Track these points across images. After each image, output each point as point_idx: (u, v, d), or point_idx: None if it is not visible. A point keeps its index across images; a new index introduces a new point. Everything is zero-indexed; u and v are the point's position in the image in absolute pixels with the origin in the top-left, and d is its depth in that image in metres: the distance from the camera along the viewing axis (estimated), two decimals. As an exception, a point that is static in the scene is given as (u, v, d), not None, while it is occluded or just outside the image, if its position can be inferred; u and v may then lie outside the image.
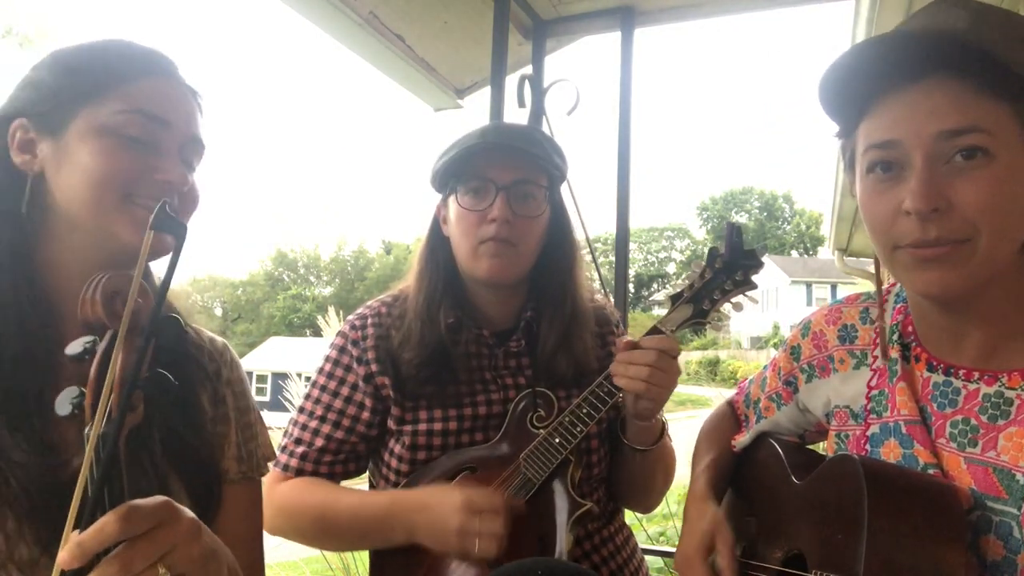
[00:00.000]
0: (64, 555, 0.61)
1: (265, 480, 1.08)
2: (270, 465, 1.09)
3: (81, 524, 0.63)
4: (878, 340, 0.99)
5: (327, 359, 1.38)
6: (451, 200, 1.34)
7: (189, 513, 0.70)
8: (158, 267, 0.99)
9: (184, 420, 0.95)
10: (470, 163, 1.30)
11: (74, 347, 0.69)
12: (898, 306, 1.00)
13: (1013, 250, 0.80)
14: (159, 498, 0.68)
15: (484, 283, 1.35)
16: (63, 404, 0.67)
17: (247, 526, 1.03)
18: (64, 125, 0.88)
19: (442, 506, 1.16)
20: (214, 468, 0.99)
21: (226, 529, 0.96)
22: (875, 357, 0.99)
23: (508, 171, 1.29)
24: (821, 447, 1.17)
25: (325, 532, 1.30)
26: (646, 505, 1.52)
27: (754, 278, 1.23)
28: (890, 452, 0.91)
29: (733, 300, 1.24)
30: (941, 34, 0.78)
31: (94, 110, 0.88)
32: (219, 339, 1.08)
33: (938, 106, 0.78)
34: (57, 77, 0.90)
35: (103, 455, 0.64)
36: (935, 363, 0.92)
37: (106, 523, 0.62)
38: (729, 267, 1.22)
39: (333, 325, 4.78)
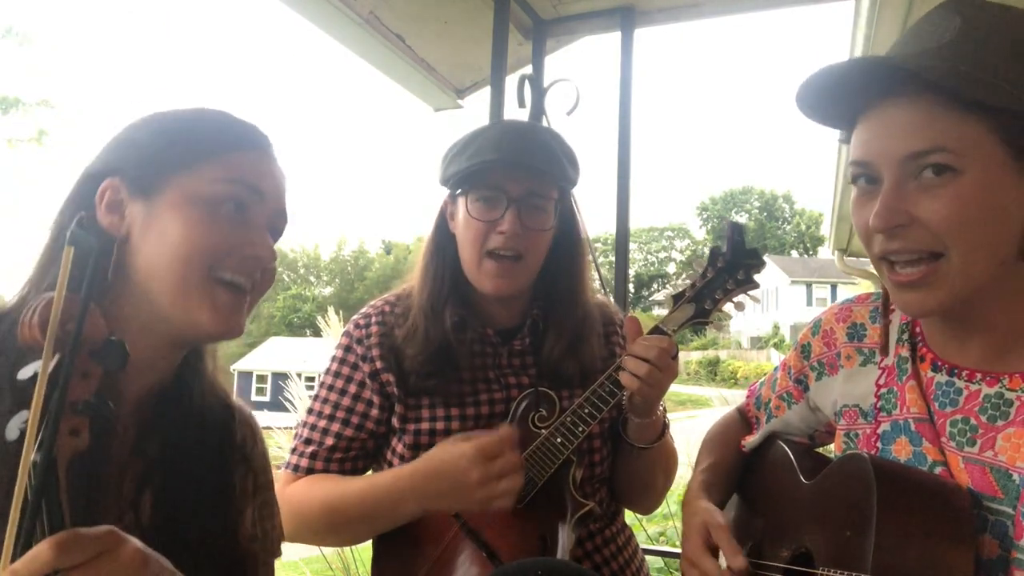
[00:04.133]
0: None
1: (276, 484, 1.05)
2: (281, 469, 1.05)
3: (16, 552, 0.60)
4: (886, 338, 0.99)
5: (333, 359, 1.38)
6: (460, 201, 1.32)
7: (135, 543, 0.67)
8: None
9: (218, 520, 0.89)
10: (485, 172, 1.28)
11: (25, 371, 0.65)
12: None
13: (993, 263, 0.80)
14: (103, 527, 0.65)
15: (488, 298, 1.35)
16: (12, 429, 0.63)
17: None
18: (157, 190, 0.85)
19: (456, 464, 1.13)
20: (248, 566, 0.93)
21: None
22: (883, 355, 1.00)
23: (521, 183, 1.27)
24: (827, 450, 1.17)
25: (335, 522, 1.28)
26: (647, 505, 1.52)
27: (755, 277, 1.23)
28: (901, 450, 0.92)
29: (735, 299, 1.24)
30: (911, 56, 0.80)
31: (190, 178, 0.85)
32: (244, 407, 1.03)
33: (905, 127, 0.80)
34: (156, 140, 0.87)
35: (35, 482, 0.61)
36: (940, 363, 0.92)
37: (40, 551, 0.60)
38: (731, 266, 1.22)
39: (333, 325, 4.78)
